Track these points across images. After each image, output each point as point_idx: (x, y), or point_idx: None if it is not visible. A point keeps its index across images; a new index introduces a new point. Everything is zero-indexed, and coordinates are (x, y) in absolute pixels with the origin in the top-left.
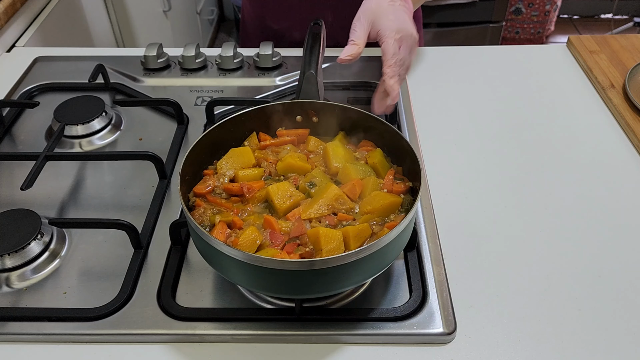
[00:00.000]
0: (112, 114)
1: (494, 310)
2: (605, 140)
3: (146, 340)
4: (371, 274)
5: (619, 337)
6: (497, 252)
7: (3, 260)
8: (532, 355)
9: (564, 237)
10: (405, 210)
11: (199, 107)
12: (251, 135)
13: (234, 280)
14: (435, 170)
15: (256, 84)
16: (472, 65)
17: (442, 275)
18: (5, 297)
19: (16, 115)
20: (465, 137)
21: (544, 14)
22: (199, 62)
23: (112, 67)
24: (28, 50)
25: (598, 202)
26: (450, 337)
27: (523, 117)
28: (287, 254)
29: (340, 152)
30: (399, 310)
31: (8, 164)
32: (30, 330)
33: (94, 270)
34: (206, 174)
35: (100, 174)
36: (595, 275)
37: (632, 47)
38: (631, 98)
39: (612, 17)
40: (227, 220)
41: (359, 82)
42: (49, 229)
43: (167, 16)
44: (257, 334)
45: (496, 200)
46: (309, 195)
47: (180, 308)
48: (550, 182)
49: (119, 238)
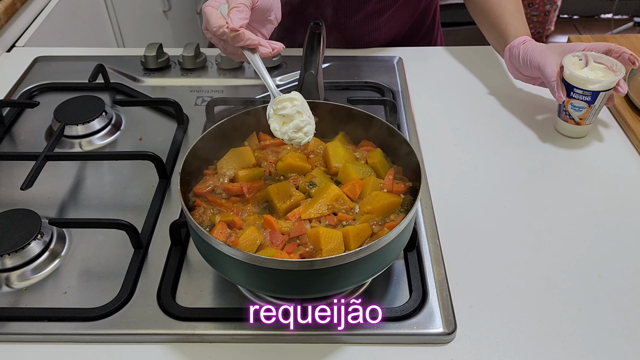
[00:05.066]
0: (112, 114)
1: (494, 310)
2: (605, 140)
3: (146, 340)
4: (371, 274)
5: (619, 337)
6: (497, 252)
7: (3, 260)
8: (532, 355)
9: (564, 237)
10: (405, 210)
11: (199, 107)
12: (251, 135)
13: (234, 280)
14: (435, 170)
15: (256, 84)
16: (472, 65)
17: (442, 275)
18: (5, 297)
19: (16, 115)
20: (465, 137)
21: (544, 14)
22: (199, 62)
23: (112, 67)
24: (28, 50)
25: (598, 202)
26: (450, 337)
27: (523, 117)
28: (287, 254)
29: (340, 152)
30: (399, 310)
31: (8, 164)
32: (30, 330)
33: (94, 270)
34: (206, 174)
35: (100, 174)
36: (595, 275)
37: (632, 47)
38: (631, 98)
39: (612, 17)
40: (227, 220)
41: (359, 82)
42: (49, 229)
43: (167, 16)
44: (257, 334)
45: (496, 200)
46: (309, 195)
47: (180, 308)
48: (550, 182)
49: (119, 238)
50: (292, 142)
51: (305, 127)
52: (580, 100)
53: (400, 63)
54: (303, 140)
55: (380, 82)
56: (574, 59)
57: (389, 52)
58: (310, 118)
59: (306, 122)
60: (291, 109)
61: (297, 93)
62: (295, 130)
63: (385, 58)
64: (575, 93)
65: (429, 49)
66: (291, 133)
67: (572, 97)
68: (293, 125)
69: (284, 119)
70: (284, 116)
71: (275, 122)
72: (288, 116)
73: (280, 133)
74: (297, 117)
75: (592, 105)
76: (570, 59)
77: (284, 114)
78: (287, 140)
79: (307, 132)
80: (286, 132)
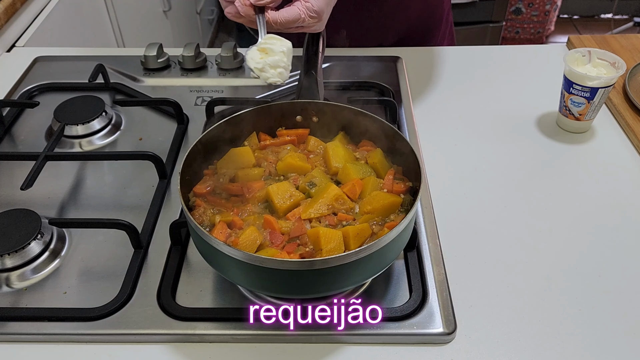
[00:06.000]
0: (112, 114)
1: (494, 310)
2: (605, 140)
3: (146, 340)
4: (371, 274)
5: (619, 337)
6: (497, 252)
7: (3, 260)
8: (532, 355)
9: (564, 237)
10: (405, 210)
11: (199, 107)
12: (251, 135)
13: (234, 280)
14: (435, 170)
15: (256, 84)
16: (472, 65)
17: (442, 275)
18: (5, 297)
19: (16, 115)
20: (465, 137)
21: (544, 14)
22: (199, 62)
23: (112, 67)
24: (28, 50)
25: (598, 202)
26: (450, 337)
27: (523, 117)
28: (287, 254)
29: (340, 152)
30: (399, 310)
31: (8, 164)
32: (30, 330)
33: (94, 270)
34: (206, 174)
35: (100, 174)
36: (595, 275)
37: (632, 47)
38: (631, 98)
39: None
40: (227, 220)
41: (359, 82)
42: (49, 229)
43: (167, 16)
44: (257, 334)
45: (496, 200)
46: (309, 195)
47: (180, 308)
48: (550, 182)
49: (119, 238)
50: (261, 74)
51: (281, 68)
52: (580, 96)
53: (401, 63)
54: (273, 79)
55: (380, 82)
56: (577, 55)
57: (389, 52)
58: (289, 66)
59: (285, 65)
60: (278, 47)
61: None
62: (272, 65)
63: (385, 58)
64: (575, 89)
65: (429, 49)
66: (267, 66)
67: (572, 93)
68: (272, 60)
69: (266, 53)
70: (266, 51)
71: (255, 53)
72: (271, 51)
73: (254, 62)
74: (279, 56)
75: (591, 102)
76: (572, 55)
77: (269, 47)
78: (258, 72)
79: (281, 74)
80: (262, 63)
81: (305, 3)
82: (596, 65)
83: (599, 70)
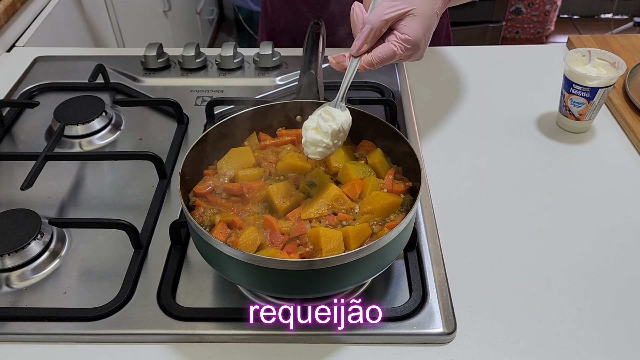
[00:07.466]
0: (112, 114)
1: (494, 310)
2: (605, 140)
3: (146, 340)
4: (371, 274)
5: (619, 337)
6: (497, 252)
7: (3, 260)
8: (532, 355)
9: (564, 237)
10: (405, 210)
11: (199, 107)
12: (251, 135)
13: (234, 280)
14: (435, 170)
15: (256, 84)
16: (472, 65)
17: (442, 275)
18: (5, 297)
19: (16, 115)
20: (465, 137)
21: (544, 14)
22: (199, 62)
23: (112, 67)
24: (28, 50)
25: (598, 202)
26: (450, 337)
27: (523, 117)
28: (287, 254)
29: (340, 152)
30: (399, 310)
31: (8, 164)
32: (30, 330)
33: (94, 270)
34: (206, 174)
35: (100, 174)
36: (595, 275)
37: (632, 47)
38: (631, 98)
39: (612, 17)
40: (227, 220)
41: (359, 82)
42: (49, 229)
43: (167, 16)
44: (257, 334)
45: (496, 200)
46: (309, 195)
47: (180, 308)
48: (550, 182)
49: (119, 238)
50: (303, 143)
51: (320, 148)
52: (579, 96)
53: (401, 63)
54: (307, 152)
55: (380, 82)
56: (577, 55)
57: None
58: (332, 146)
59: (325, 146)
60: (326, 126)
61: (348, 123)
62: (313, 142)
63: None
64: (574, 89)
65: (429, 49)
66: (309, 138)
67: (572, 93)
68: (312, 139)
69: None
70: (316, 129)
71: (312, 121)
72: (319, 129)
73: (304, 128)
74: (324, 136)
75: (591, 102)
76: (572, 55)
77: (319, 124)
78: (303, 139)
79: (316, 153)
80: (307, 134)
81: (400, 36)
82: (596, 65)
83: (599, 70)
